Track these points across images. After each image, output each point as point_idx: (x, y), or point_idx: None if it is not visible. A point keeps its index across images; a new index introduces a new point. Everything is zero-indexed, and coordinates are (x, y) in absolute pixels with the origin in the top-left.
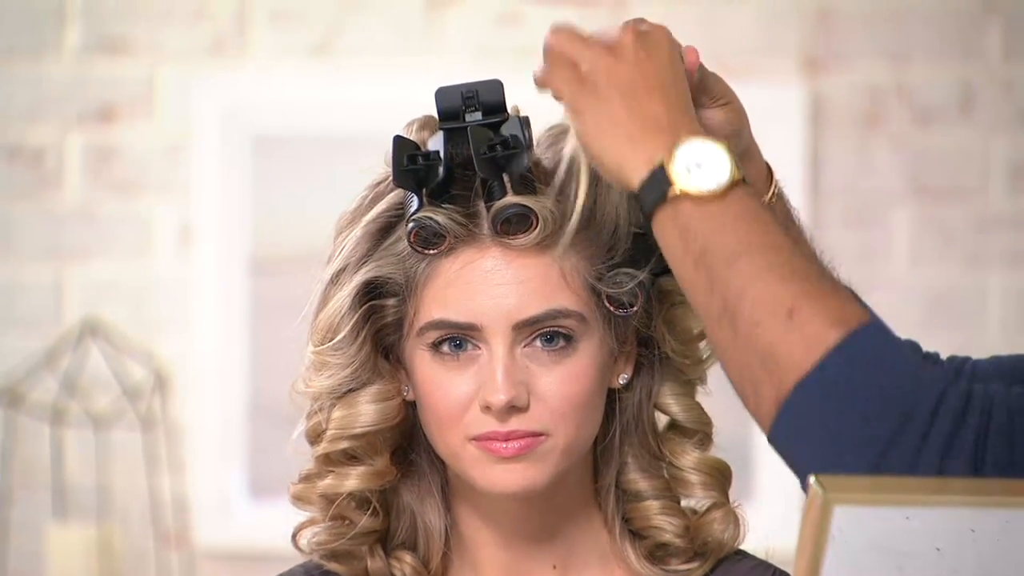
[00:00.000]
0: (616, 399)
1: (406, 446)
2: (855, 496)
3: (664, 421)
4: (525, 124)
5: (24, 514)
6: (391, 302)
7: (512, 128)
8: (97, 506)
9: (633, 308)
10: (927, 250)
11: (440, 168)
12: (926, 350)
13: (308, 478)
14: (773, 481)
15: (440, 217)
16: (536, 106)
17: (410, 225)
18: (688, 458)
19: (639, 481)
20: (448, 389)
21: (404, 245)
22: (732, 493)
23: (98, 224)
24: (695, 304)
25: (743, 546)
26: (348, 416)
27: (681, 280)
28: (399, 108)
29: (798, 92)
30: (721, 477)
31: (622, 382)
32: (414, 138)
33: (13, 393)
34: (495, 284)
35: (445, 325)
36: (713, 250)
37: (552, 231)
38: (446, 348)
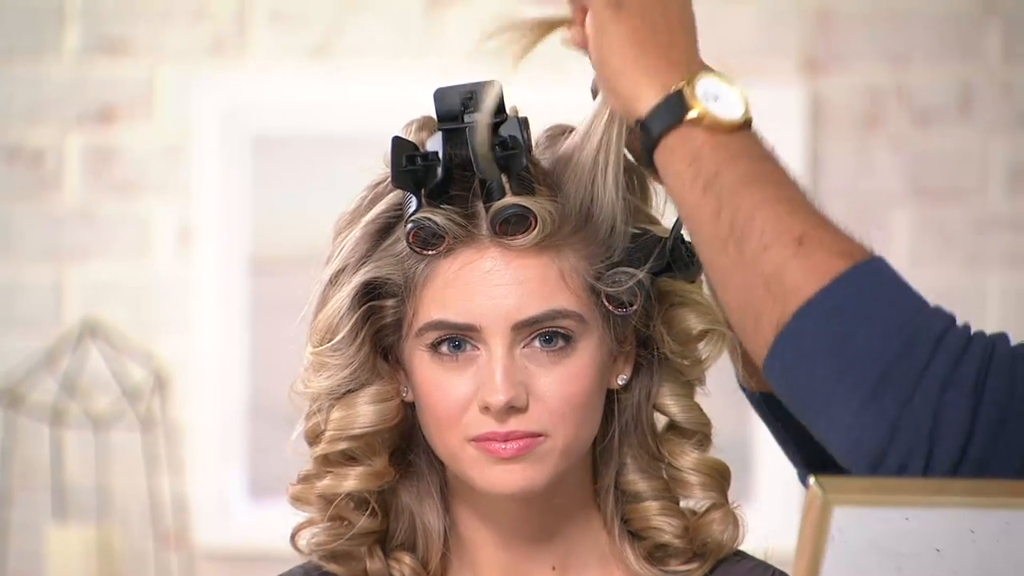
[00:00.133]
0: (615, 400)
1: (405, 447)
2: (855, 497)
3: (663, 422)
4: (524, 125)
5: (24, 515)
6: (390, 303)
7: (511, 129)
8: (97, 507)
9: (632, 307)
10: (926, 251)
11: (439, 169)
12: None
13: (307, 479)
14: (772, 482)
15: (439, 218)
16: (535, 107)
17: (409, 226)
18: (687, 459)
19: (638, 482)
20: (447, 390)
21: (403, 246)
22: (731, 494)
23: (98, 225)
24: (698, 232)
25: (742, 547)
26: (347, 417)
27: (685, 207)
28: (399, 109)
29: (798, 93)
30: (720, 478)
31: (621, 383)
32: (413, 139)
33: (13, 394)
34: (494, 285)
35: (444, 326)
36: (725, 175)
37: (551, 232)
38: (445, 349)
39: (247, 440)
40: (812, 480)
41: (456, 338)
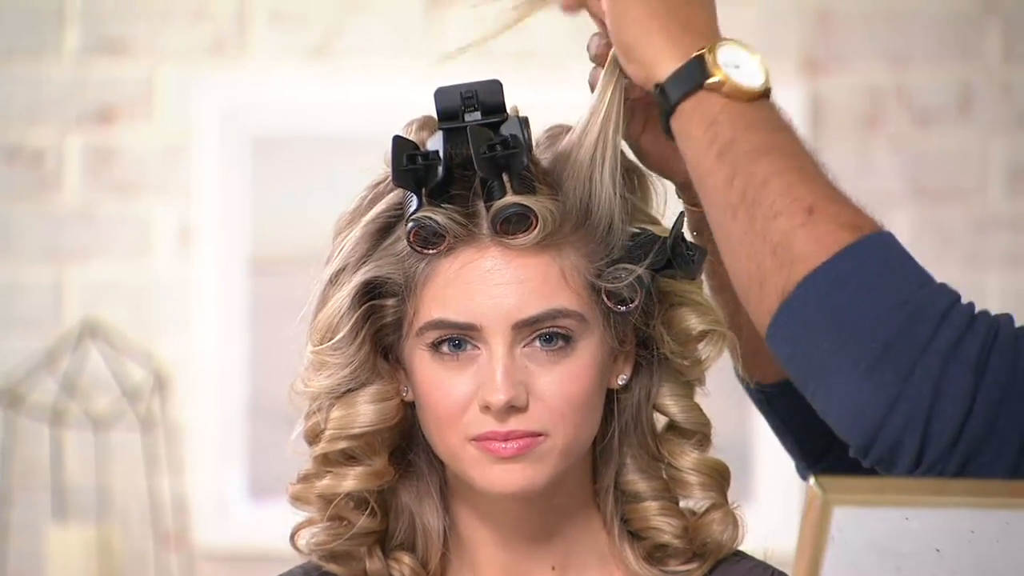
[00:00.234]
0: (615, 400)
1: (405, 446)
2: (855, 497)
3: (663, 422)
4: (524, 124)
5: (24, 515)
6: (390, 302)
7: (511, 128)
8: (97, 507)
9: (633, 304)
10: (926, 251)
11: (439, 168)
12: None
13: (306, 478)
14: (772, 482)
15: (439, 217)
16: (535, 106)
17: (409, 225)
18: (687, 459)
19: (638, 482)
20: (447, 389)
21: (403, 245)
22: (731, 494)
23: (98, 225)
24: (710, 198)
25: (742, 547)
26: (347, 416)
27: (699, 172)
28: (399, 109)
29: (797, 93)
30: (720, 478)
31: (621, 383)
32: (413, 138)
33: (13, 394)
34: (494, 284)
35: (444, 325)
36: (740, 143)
37: (552, 231)
38: (445, 348)
39: (247, 440)
40: (812, 480)
41: (456, 337)
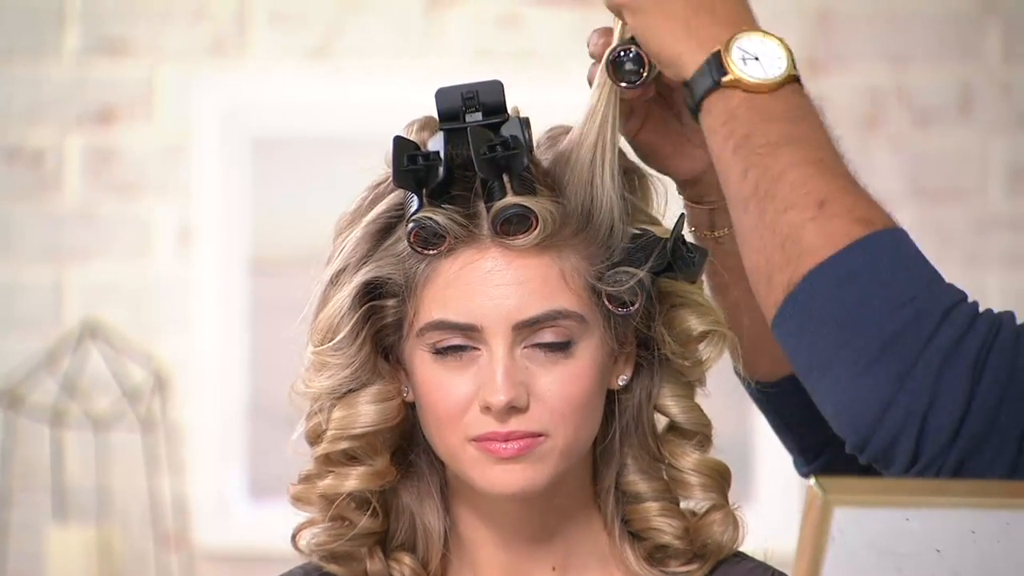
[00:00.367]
0: (616, 400)
1: (406, 447)
2: (855, 497)
3: (664, 423)
4: (525, 125)
5: (24, 515)
6: (391, 303)
7: (512, 129)
8: (97, 507)
9: (633, 307)
10: (926, 251)
11: (440, 168)
12: None
13: (308, 479)
14: (772, 483)
15: (440, 217)
16: (536, 107)
17: (410, 225)
18: (687, 460)
19: (638, 483)
20: (448, 390)
21: (404, 245)
22: (731, 495)
23: (98, 225)
24: (727, 192)
25: (742, 548)
26: (348, 417)
27: (719, 167)
28: (399, 109)
29: None
30: (720, 479)
31: (622, 383)
32: (414, 138)
33: (13, 395)
34: (495, 285)
35: (445, 326)
36: (756, 136)
37: (552, 232)
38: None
39: (247, 441)
40: (812, 481)
41: (459, 342)
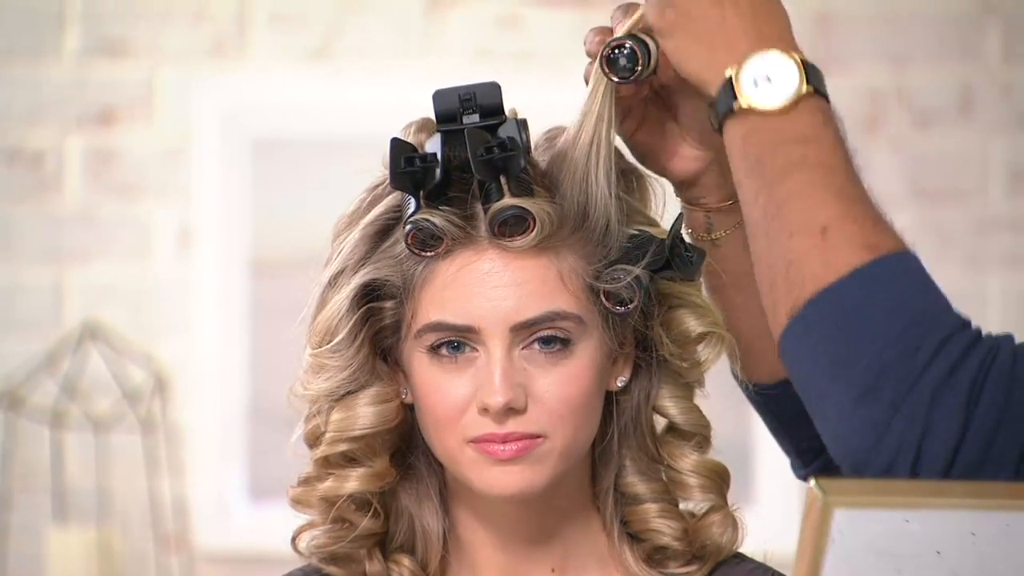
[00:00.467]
0: (614, 402)
1: (404, 449)
2: (855, 499)
3: (662, 424)
4: (522, 126)
5: (24, 517)
6: (389, 304)
7: (509, 130)
8: (97, 509)
9: (631, 305)
10: (926, 252)
11: (437, 170)
12: None
13: (307, 481)
14: (772, 484)
15: (437, 219)
16: (536, 108)
17: (407, 227)
18: (686, 461)
19: (637, 484)
20: (446, 391)
21: (402, 247)
22: (730, 496)
23: (98, 227)
24: (744, 215)
25: (741, 549)
26: (346, 418)
27: (738, 191)
28: (399, 111)
29: None
30: (719, 480)
31: (620, 384)
32: (411, 140)
33: (13, 396)
34: (492, 286)
35: (443, 327)
36: (766, 161)
37: (549, 233)
38: (444, 350)
39: (247, 442)
40: (812, 482)
41: (455, 340)
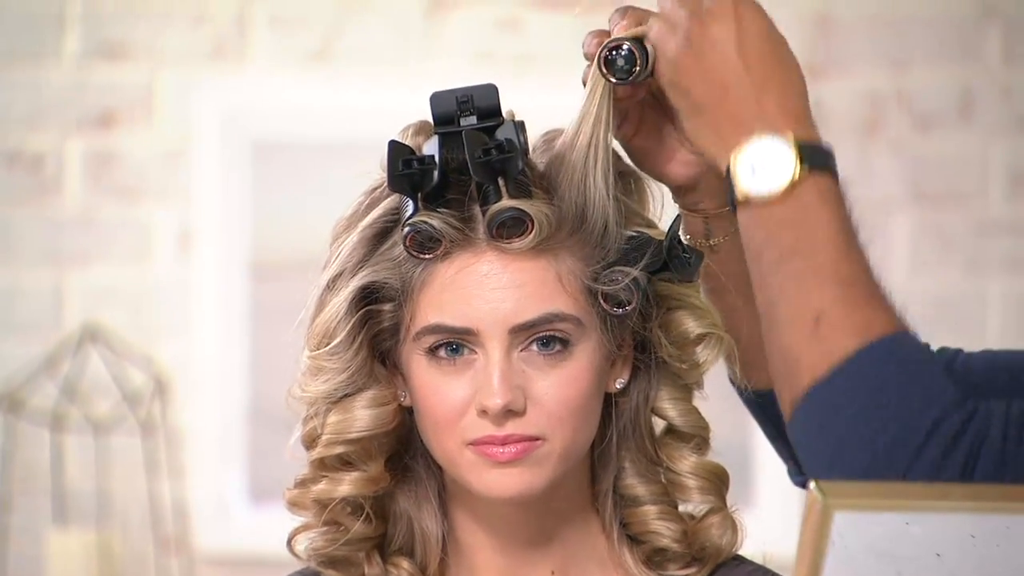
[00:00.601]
0: (613, 404)
1: (402, 452)
2: (855, 501)
3: (661, 426)
4: (520, 128)
5: (24, 519)
6: (387, 307)
7: (507, 132)
8: (97, 511)
9: (629, 306)
10: (927, 256)
11: (435, 172)
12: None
13: (303, 483)
14: (771, 486)
15: (435, 221)
16: (536, 110)
17: (405, 230)
18: (685, 463)
19: (636, 486)
20: (445, 393)
21: (400, 250)
22: (730, 498)
23: (98, 229)
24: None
25: (741, 551)
26: (343, 421)
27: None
28: (398, 114)
29: None
30: (719, 482)
31: (619, 386)
32: (409, 143)
33: (13, 399)
34: (491, 288)
35: (441, 330)
36: (764, 250)
37: (547, 235)
38: (442, 352)
39: (247, 444)
40: (812, 484)
41: (453, 342)
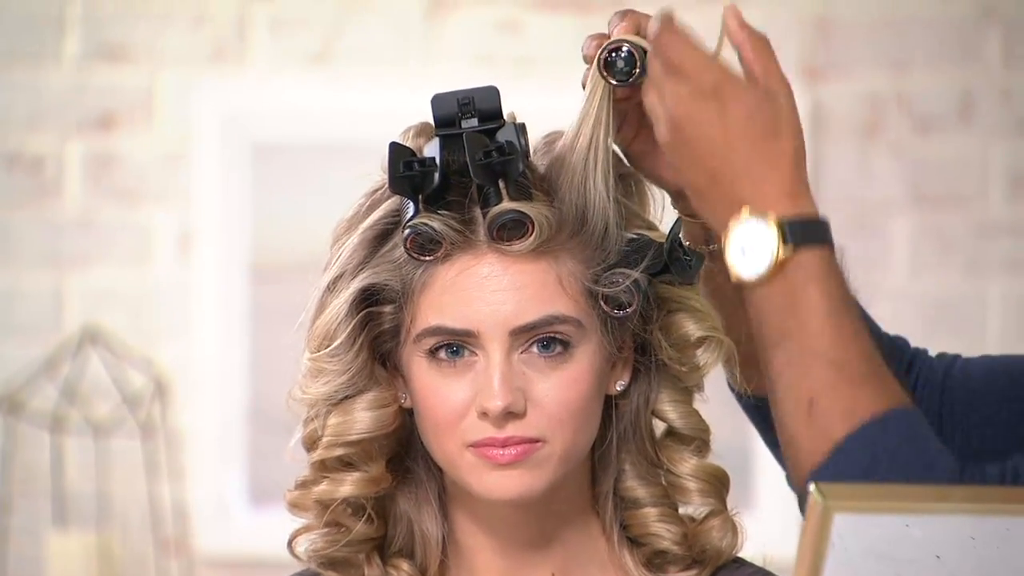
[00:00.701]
0: (614, 406)
1: (403, 454)
2: (855, 504)
3: (662, 428)
4: (521, 130)
5: (24, 521)
6: (388, 309)
7: (507, 134)
8: (97, 513)
9: (630, 308)
10: (927, 258)
11: (436, 174)
12: (915, 346)
13: (304, 484)
14: (771, 488)
15: (436, 223)
16: (536, 113)
17: (406, 231)
18: (686, 465)
19: (637, 488)
20: (445, 395)
21: (401, 252)
22: (730, 500)
23: (98, 231)
24: None
25: (741, 554)
26: (344, 423)
27: None
28: (399, 116)
29: (798, 100)
30: (719, 484)
31: (619, 388)
32: (410, 145)
33: (13, 400)
34: (491, 290)
35: (442, 332)
36: (762, 332)
37: (548, 237)
38: (443, 354)
39: (247, 446)
40: (812, 487)
41: (454, 344)
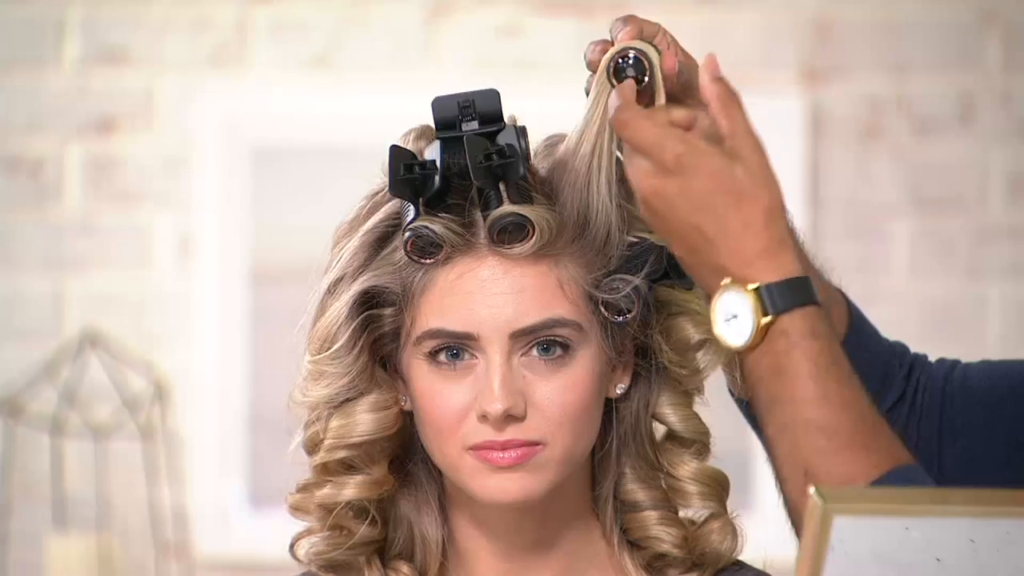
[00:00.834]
0: (614, 409)
1: (403, 456)
2: (855, 506)
3: (662, 431)
4: (522, 133)
5: (24, 525)
6: (388, 312)
7: (508, 137)
8: (97, 517)
9: (630, 314)
10: (927, 261)
11: (436, 177)
12: (914, 352)
13: (306, 488)
14: (771, 492)
15: (436, 226)
16: (536, 116)
17: (407, 234)
18: (686, 468)
19: (637, 491)
20: (445, 398)
21: (401, 255)
22: (730, 503)
23: (98, 235)
24: None
25: (741, 556)
26: (345, 426)
27: None
28: (399, 120)
29: (797, 103)
30: (719, 487)
31: (620, 392)
32: (411, 147)
33: (13, 404)
34: (492, 293)
35: (442, 334)
36: (756, 398)
37: (549, 240)
38: (443, 357)
39: (247, 450)
40: (812, 490)
41: (454, 347)
